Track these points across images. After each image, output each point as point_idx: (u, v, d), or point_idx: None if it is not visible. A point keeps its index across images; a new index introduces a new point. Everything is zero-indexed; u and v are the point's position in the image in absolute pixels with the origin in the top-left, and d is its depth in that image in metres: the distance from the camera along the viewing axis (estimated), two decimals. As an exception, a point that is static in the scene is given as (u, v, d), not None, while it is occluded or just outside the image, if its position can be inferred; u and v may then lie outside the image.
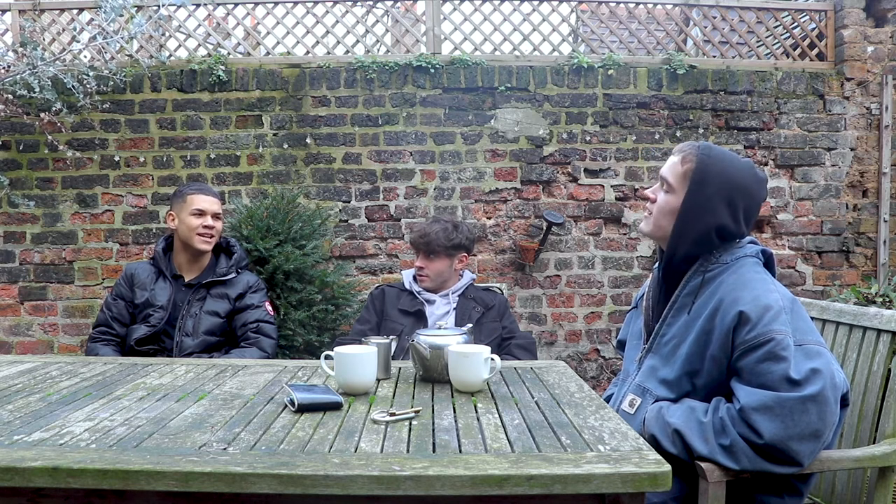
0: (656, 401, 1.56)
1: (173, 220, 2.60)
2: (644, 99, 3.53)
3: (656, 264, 1.77)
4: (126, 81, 3.42)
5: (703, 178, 1.54)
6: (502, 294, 2.84)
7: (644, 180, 3.55)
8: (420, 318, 2.59)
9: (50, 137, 3.28)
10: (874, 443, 1.67)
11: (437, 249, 2.60)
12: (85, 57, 3.45)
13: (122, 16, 3.25)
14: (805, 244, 3.59)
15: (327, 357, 1.59)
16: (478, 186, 3.52)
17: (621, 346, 1.94)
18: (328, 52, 3.63)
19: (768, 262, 1.62)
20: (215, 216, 2.59)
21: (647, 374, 1.62)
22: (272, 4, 3.56)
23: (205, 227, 2.55)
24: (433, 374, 1.66)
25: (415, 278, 2.71)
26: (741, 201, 1.55)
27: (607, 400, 1.76)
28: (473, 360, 1.54)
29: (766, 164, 3.57)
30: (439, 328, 1.75)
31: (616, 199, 3.56)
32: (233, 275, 2.60)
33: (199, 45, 3.61)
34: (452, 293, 2.67)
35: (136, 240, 3.47)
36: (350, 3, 3.62)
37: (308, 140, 3.49)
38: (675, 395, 1.55)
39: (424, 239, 2.61)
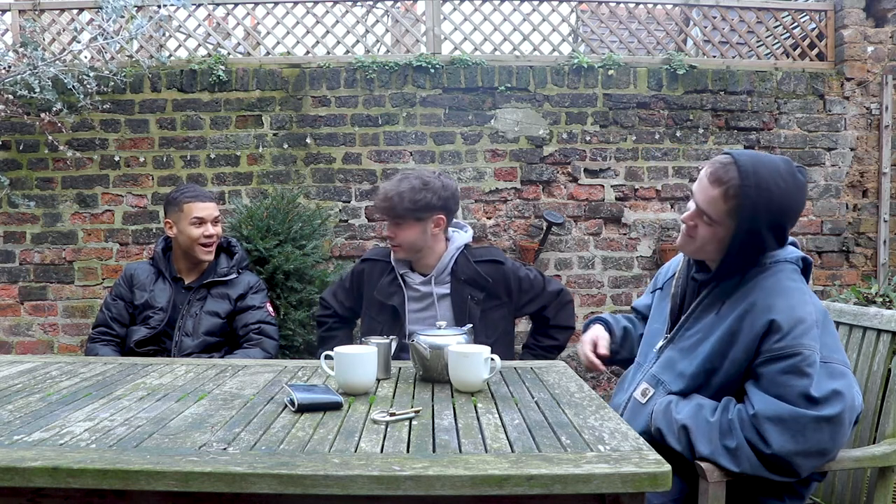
0: (668, 394, 1.55)
1: (171, 228, 2.54)
2: (644, 99, 3.53)
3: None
4: (126, 81, 3.42)
5: (753, 216, 1.45)
6: (507, 263, 2.29)
7: (644, 180, 3.55)
8: (395, 316, 2.22)
9: (50, 137, 3.28)
10: (874, 443, 1.67)
11: (403, 213, 2.14)
12: (85, 57, 3.44)
13: (122, 16, 3.25)
14: (805, 244, 3.59)
15: (327, 357, 1.59)
16: (478, 186, 3.52)
17: (636, 310, 1.92)
18: (328, 52, 3.63)
19: (806, 269, 1.57)
20: (215, 221, 2.54)
21: (665, 365, 1.59)
22: (272, 4, 3.57)
23: (206, 236, 2.50)
24: (433, 374, 1.66)
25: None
26: (789, 223, 1.50)
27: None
28: (473, 360, 1.54)
29: (766, 164, 3.57)
30: (439, 328, 1.75)
31: (616, 199, 3.56)
32: (234, 275, 2.60)
33: (199, 45, 3.61)
34: (438, 275, 2.22)
35: (136, 240, 3.47)
36: (350, 3, 3.62)
37: (308, 140, 3.49)
38: (690, 389, 1.53)
39: (387, 203, 2.15)
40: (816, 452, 1.36)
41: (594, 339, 1.84)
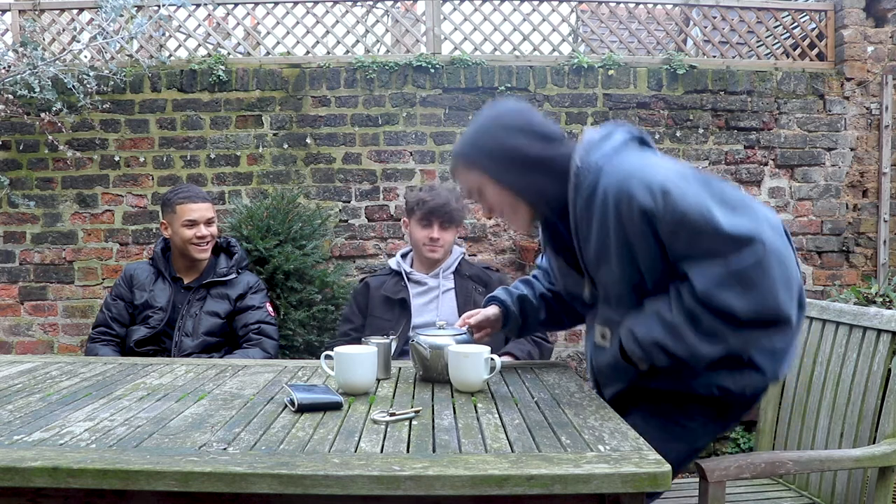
0: (622, 323, 1.49)
1: (166, 229, 2.57)
2: (644, 99, 3.53)
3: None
4: (126, 81, 3.42)
5: (482, 167, 1.53)
6: (499, 272, 2.68)
7: (644, 180, 3.55)
8: (404, 308, 2.46)
9: (50, 137, 3.28)
10: (874, 443, 1.67)
11: (458, 217, 2.50)
12: (85, 57, 3.44)
13: (122, 16, 3.25)
14: (805, 244, 3.59)
15: (327, 357, 1.59)
16: (478, 186, 3.52)
17: (540, 268, 1.90)
18: (328, 52, 3.63)
19: (643, 137, 1.55)
20: (208, 222, 2.54)
21: (603, 302, 1.56)
22: (272, 4, 3.57)
23: (198, 237, 2.51)
24: (433, 374, 1.66)
25: (403, 256, 2.60)
26: (517, 141, 1.50)
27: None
28: (473, 360, 1.54)
29: (766, 164, 3.57)
30: (440, 327, 1.75)
31: (616, 199, 3.56)
32: (233, 275, 2.60)
33: (199, 45, 3.61)
34: (444, 271, 2.52)
35: (136, 240, 3.47)
36: (350, 3, 3.62)
37: (308, 140, 3.49)
38: (637, 306, 1.47)
39: (445, 208, 2.45)
40: (781, 284, 1.29)
41: (469, 316, 1.85)
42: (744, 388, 1.49)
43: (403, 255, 2.63)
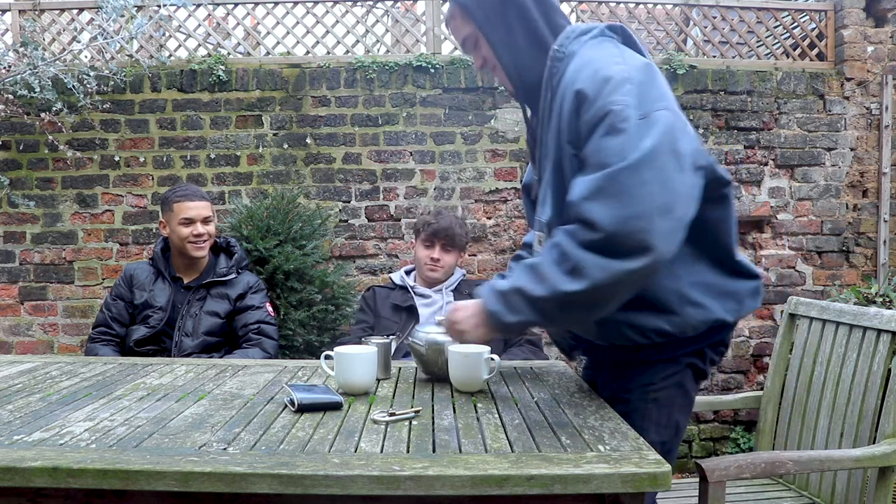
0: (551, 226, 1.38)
1: (165, 227, 2.59)
2: (644, 99, 3.53)
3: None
4: (126, 81, 3.42)
5: (481, 17, 1.41)
6: None
7: (644, 180, 3.55)
8: (412, 314, 2.62)
9: (50, 137, 3.28)
10: (874, 443, 1.67)
11: (459, 242, 2.70)
12: (85, 57, 3.44)
13: (122, 16, 3.25)
14: (805, 244, 3.59)
15: (327, 357, 1.59)
16: (478, 186, 3.52)
17: (526, 244, 1.78)
18: (328, 52, 3.63)
19: (628, 40, 1.41)
20: (205, 221, 2.55)
21: (542, 203, 1.47)
22: (272, 4, 3.57)
23: (195, 235, 2.52)
24: (433, 369, 1.66)
25: (407, 273, 2.77)
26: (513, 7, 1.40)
27: None
28: (473, 360, 1.54)
29: (766, 164, 3.57)
30: (438, 324, 1.74)
31: (616, 199, 3.56)
32: (233, 275, 2.60)
33: (199, 45, 3.61)
34: (446, 289, 2.71)
35: (136, 240, 3.47)
36: (350, 3, 3.62)
37: (308, 140, 3.49)
38: (561, 214, 1.35)
39: (448, 232, 2.65)
40: (656, 210, 1.16)
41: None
42: (684, 328, 1.36)
43: (407, 273, 2.79)
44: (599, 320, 1.33)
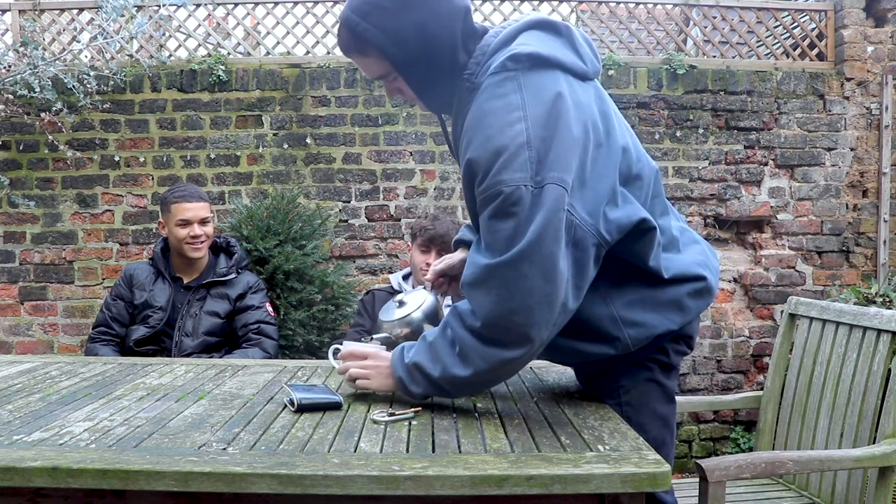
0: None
1: (163, 228, 2.59)
2: (644, 99, 3.53)
3: None
4: (126, 81, 3.42)
5: (399, 59, 1.24)
6: None
7: (644, 180, 3.55)
8: None
9: (50, 137, 3.28)
10: (874, 443, 1.67)
11: (451, 246, 2.69)
12: (85, 57, 3.45)
13: (122, 16, 3.25)
14: (805, 244, 3.59)
15: (336, 351, 1.58)
16: (478, 186, 3.52)
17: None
18: (328, 52, 3.63)
19: (538, 63, 1.18)
20: (202, 222, 2.54)
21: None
22: (272, 4, 3.57)
23: (192, 236, 2.52)
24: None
25: (405, 277, 2.75)
26: (415, 21, 1.22)
27: None
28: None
29: (766, 164, 3.57)
30: (399, 305, 1.63)
31: (616, 199, 3.56)
32: (233, 275, 2.60)
33: (199, 45, 3.62)
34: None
35: (136, 240, 3.47)
36: (350, 3, 3.61)
37: (308, 140, 3.49)
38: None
39: (445, 238, 2.62)
40: (537, 304, 1.12)
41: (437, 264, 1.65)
42: (628, 348, 1.31)
43: (405, 277, 2.78)
44: (549, 345, 1.25)
